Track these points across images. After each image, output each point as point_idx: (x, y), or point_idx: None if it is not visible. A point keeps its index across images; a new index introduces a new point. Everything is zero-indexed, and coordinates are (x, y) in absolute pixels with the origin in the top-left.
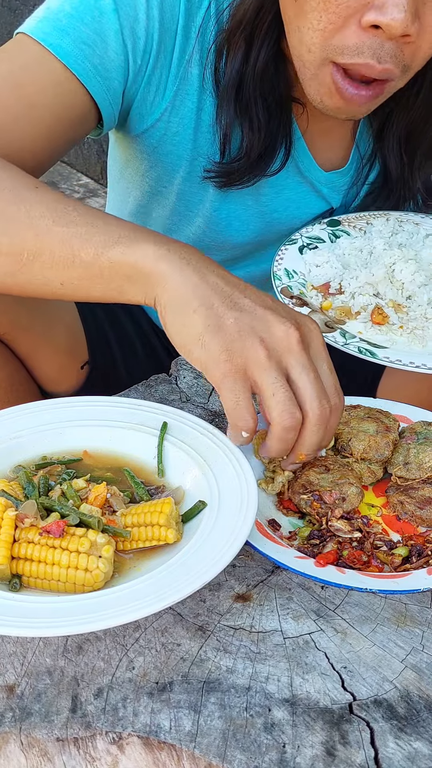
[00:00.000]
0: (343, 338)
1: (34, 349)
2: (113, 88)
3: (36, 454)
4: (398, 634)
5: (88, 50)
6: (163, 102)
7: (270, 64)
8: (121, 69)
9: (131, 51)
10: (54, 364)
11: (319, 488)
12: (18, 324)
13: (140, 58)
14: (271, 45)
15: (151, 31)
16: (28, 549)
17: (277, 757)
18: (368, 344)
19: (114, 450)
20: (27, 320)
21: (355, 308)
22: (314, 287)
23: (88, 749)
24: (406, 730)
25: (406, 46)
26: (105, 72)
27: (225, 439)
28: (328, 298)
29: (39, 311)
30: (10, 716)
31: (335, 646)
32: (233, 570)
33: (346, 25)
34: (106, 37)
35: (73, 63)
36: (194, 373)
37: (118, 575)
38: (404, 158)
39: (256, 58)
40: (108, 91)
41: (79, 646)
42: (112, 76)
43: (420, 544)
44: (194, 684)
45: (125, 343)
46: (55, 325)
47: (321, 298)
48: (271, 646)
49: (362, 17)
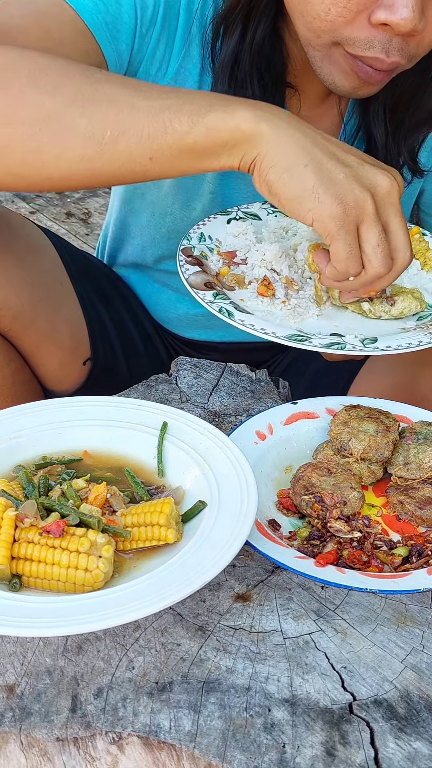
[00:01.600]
0: (212, 297)
1: (38, 344)
2: (120, 50)
3: (36, 454)
4: (398, 634)
5: (103, 7)
6: (165, 78)
7: (266, 41)
8: (130, 33)
9: (140, 18)
10: (57, 360)
11: (320, 490)
12: (21, 319)
13: (146, 28)
14: (267, 24)
15: (157, 4)
16: (28, 549)
17: (276, 757)
18: (233, 307)
19: (114, 450)
20: (30, 315)
21: (248, 279)
22: (220, 253)
23: (88, 749)
24: (406, 730)
25: (411, 39)
26: (115, 32)
27: (225, 439)
28: (230, 266)
29: (42, 305)
30: (10, 716)
31: (335, 646)
32: (233, 570)
33: (356, 20)
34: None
35: (88, 16)
36: (194, 373)
37: (118, 575)
38: (389, 128)
39: (253, 36)
40: (116, 52)
41: (79, 646)
42: (120, 38)
43: (420, 544)
44: (194, 684)
45: (127, 340)
46: (58, 320)
47: (221, 264)
48: (271, 646)
49: (371, 14)
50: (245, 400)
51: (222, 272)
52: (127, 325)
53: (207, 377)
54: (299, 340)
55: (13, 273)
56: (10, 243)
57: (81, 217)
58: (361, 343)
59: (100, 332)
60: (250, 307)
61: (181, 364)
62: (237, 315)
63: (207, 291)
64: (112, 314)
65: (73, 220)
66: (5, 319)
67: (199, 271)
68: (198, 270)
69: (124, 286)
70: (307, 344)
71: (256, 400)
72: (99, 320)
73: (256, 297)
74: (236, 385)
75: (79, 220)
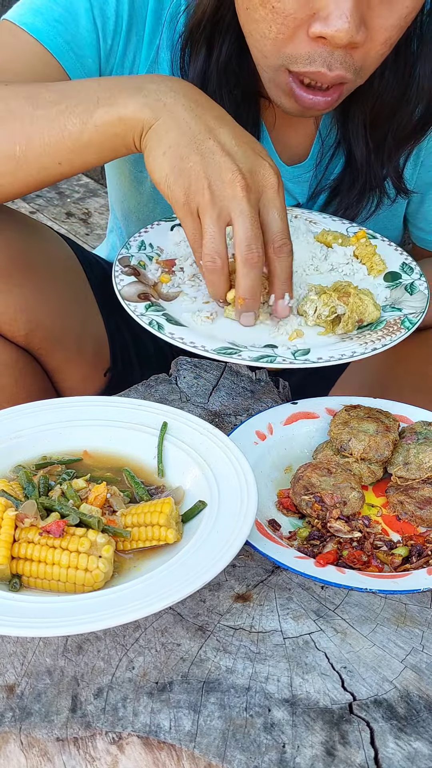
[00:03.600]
0: (143, 309)
1: (64, 361)
2: (87, 65)
3: (36, 454)
4: (398, 634)
5: (60, 27)
6: None
7: (233, 59)
8: (93, 47)
9: (101, 30)
10: (80, 374)
11: (320, 490)
12: (52, 338)
13: (110, 39)
14: (232, 41)
15: (120, 12)
16: (28, 549)
17: (276, 757)
18: (165, 319)
19: (114, 450)
20: (60, 333)
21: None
22: (159, 261)
23: (88, 749)
24: (406, 730)
25: (355, 52)
26: (78, 49)
27: (225, 439)
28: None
29: (70, 322)
30: (10, 716)
31: (335, 646)
32: (233, 570)
33: (295, 35)
34: (77, 15)
35: (45, 38)
36: (194, 373)
37: (118, 575)
38: (370, 144)
39: (218, 55)
40: (83, 67)
41: (79, 646)
42: (85, 54)
43: (420, 544)
44: (194, 684)
45: (141, 349)
46: (84, 336)
47: (160, 272)
48: (270, 646)
49: (309, 28)
50: (245, 400)
51: (162, 280)
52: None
53: (207, 377)
54: (228, 354)
55: (46, 291)
56: (43, 259)
57: (81, 217)
58: (292, 356)
59: (119, 342)
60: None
61: (181, 364)
62: (167, 328)
63: (139, 303)
64: (127, 323)
65: (73, 220)
66: (36, 338)
67: (134, 281)
68: (133, 280)
69: None
70: (236, 357)
71: (256, 400)
72: (117, 331)
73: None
74: (236, 385)
75: (79, 220)
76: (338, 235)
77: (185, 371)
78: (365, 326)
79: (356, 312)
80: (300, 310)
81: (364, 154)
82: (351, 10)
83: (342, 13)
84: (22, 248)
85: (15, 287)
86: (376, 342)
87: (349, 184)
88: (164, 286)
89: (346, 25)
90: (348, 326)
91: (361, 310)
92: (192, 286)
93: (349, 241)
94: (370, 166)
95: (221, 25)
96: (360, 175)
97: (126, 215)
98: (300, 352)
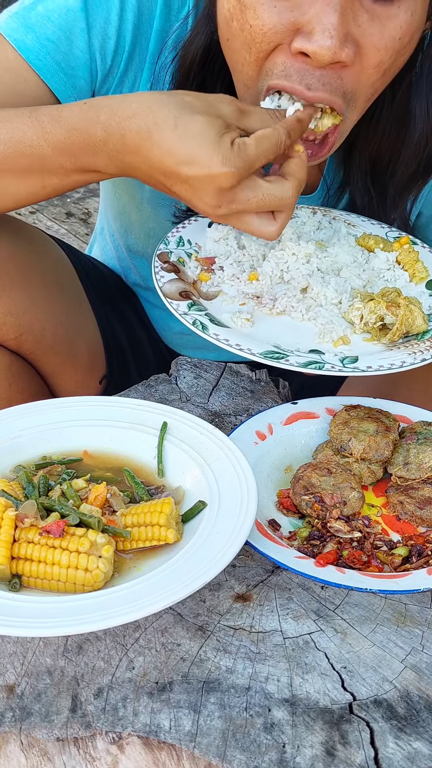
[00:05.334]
0: (186, 308)
1: (58, 366)
2: (79, 86)
3: (36, 454)
4: (398, 634)
5: (51, 46)
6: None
7: None
8: (87, 68)
9: (99, 50)
10: (75, 380)
11: (320, 490)
12: (44, 342)
13: (110, 59)
14: (224, 86)
15: (123, 32)
16: (28, 549)
17: (276, 757)
18: (209, 319)
19: (114, 450)
20: (52, 338)
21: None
22: (198, 259)
23: (88, 749)
24: (406, 730)
25: (345, 72)
26: (69, 69)
27: (225, 439)
28: (210, 272)
29: (63, 327)
30: (10, 716)
31: (335, 646)
32: (233, 570)
33: (276, 51)
34: (72, 35)
35: (34, 59)
36: (194, 373)
37: (118, 575)
38: (372, 191)
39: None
40: (73, 88)
41: (79, 646)
42: (77, 74)
43: (420, 544)
44: (194, 684)
45: (140, 356)
46: (77, 341)
47: (199, 270)
48: (270, 646)
49: (291, 44)
50: (245, 400)
51: (201, 278)
52: (140, 339)
53: (207, 377)
54: (276, 358)
55: (36, 295)
56: (34, 264)
57: (81, 217)
58: (340, 363)
59: (116, 350)
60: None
61: (181, 364)
62: (212, 329)
63: (182, 301)
64: (125, 329)
65: (73, 220)
66: (28, 342)
67: (174, 278)
68: (174, 277)
69: (134, 298)
70: (284, 362)
71: (256, 400)
72: (114, 337)
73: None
74: (236, 385)
75: (79, 220)
76: (380, 240)
77: (185, 371)
78: (410, 336)
79: (405, 324)
80: (347, 318)
81: (365, 201)
82: (336, 26)
83: (325, 29)
84: (12, 252)
85: (4, 291)
86: (425, 352)
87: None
88: (204, 284)
89: (329, 42)
90: (394, 337)
91: (410, 323)
92: (231, 286)
93: (391, 247)
94: (373, 211)
95: (213, 71)
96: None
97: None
98: (348, 359)
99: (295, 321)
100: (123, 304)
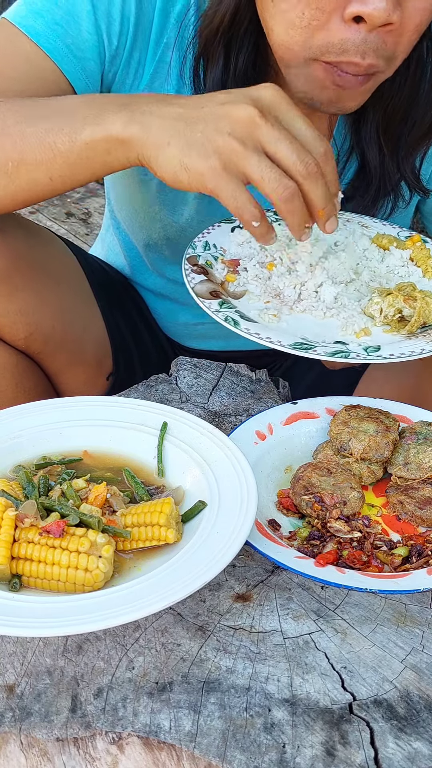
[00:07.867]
0: (218, 306)
1: (65, 365)
2: (89, 69)
3: (36, 454)
4: (398, 634)
5: (60, 30)
6: (141, 84)
7: (250, 68)
8: (96, 49)
9: (105, 32)
10: (82, 378)
11: (320, 490)
12: (52, 342)
13: (116, 40)
14: (250, 49)
15: (126, 12)
16: (28, 549)
17: (276, 757)
18: (239, 315)
19: (114, 450)
20: (60, 337)
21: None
22: (224, 261)
23: (88, 749)
24: (406, 730)
25: (389, 36)
26: (79, 52)
27: (225, 439)
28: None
29: (71, 326)
30: (10, 716)
31: (335, 646)
32: (233, 570)
33: (330, 21)
34: (79, 18)
35: (45, 42)
36: (194, 373)
37: (118, 575)
38: (384, 148)
39: (236, 65)
40: (83, 71)
41: (79, 646)
42: (87, 56)
43: (420, 544)
44: (194, 684)
45: (144, 352)
46: (85, 340)
47: (226, 272)
48: (271, 647)
49: (345, 11)
50: (245, 400)
51: (228, 279)
52: (144, 337)
53: (207, 377)
54: (304, 349)
55: (47, 294)
56: (42, 263)
57: (81, 217)
58: (364, 351)
59: (122, 347)
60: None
61: (181, 364)
62: (243, 324)
63: (213, 300)
64: (130, 327)
65: (73, 220)
66: (36, 342)
67: (204, 279)
68: (203, 279)
69: (137, 295)
70: (312, 353)
71: (256, 400)
72: (120, 335)
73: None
74: (236, 385)
75: (79, 220)
76: (393, 239)
77: (185, 371)
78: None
79: (422, 315)
80: (366, 312)
81: (377, 158)
82: None
83: None
84: (23, 251)
85: (15, 290)
86: None
87: (364, 189)
88: (231, 285)
89: (383, 4)
90: (413, 328)
91: (427, 314)
92: (257, 286)
93: (404, 245)
94: (384, 170)
95: (238, 33)
96: (374, 180)
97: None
98: (372, 348)
99: (317, 318)
100: (127, 302)
